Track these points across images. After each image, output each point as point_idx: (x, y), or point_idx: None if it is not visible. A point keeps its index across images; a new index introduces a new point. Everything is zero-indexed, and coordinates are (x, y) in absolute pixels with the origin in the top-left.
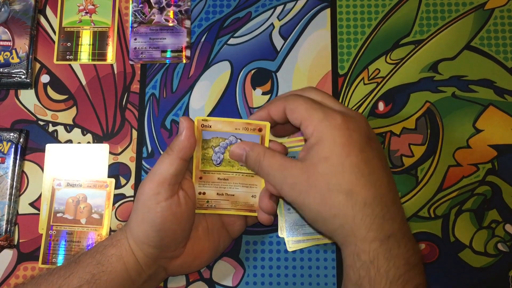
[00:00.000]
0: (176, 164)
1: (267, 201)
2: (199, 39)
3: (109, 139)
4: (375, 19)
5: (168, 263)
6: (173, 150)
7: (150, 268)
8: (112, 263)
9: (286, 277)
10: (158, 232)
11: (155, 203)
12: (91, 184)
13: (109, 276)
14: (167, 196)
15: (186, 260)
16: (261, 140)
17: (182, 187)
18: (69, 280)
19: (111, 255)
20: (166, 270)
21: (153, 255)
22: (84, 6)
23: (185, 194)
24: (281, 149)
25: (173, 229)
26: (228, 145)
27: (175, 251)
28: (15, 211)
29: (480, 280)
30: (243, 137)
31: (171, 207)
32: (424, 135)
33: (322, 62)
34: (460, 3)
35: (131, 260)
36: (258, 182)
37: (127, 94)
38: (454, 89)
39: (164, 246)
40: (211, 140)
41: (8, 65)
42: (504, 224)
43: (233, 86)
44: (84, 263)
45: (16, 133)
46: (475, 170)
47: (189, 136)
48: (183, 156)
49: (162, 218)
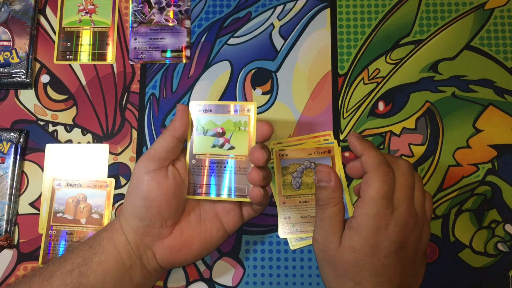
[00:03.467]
0: (168, 140)
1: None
2: (199, 39)
3: (109, 139)
4: (375, 19)
5: (155, 243)
6: (167, 129)
7: (138, 248)
8: (103, 246)
9: (286, 277)
10: (142, 201)
11: (143, 172)
12: (91, 184)
13: (100, 258)
14: (155, 168)
15: (174, 244)
16: (332, 160)
17: (174, 165)
18: (61, 266)
19: (102, 238)
20: (156, 255)
21: (139, 229)
22: (84, 6)
23: (175, 171)
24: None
25: (158, 200)
26: (304, 170)
27: (161, 227)
28: (15, 211)
29: (480, 280)
30: (316, 160)
31: (157, 177)
32: (424, 135)
33: (322, 62)
34: (460, 3)
35: (121, 239)
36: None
37: (127, 94)
38: (454, 89)
39: (150, 219)
40: (289, 167)
41: (8, 65)
42: (504, 224)
43: (233, 86)
44: (77, 249)
45: (16, 133)
46: (475, 170)
47: (181, 117)
48: (175, 134)
49: (147, 187)
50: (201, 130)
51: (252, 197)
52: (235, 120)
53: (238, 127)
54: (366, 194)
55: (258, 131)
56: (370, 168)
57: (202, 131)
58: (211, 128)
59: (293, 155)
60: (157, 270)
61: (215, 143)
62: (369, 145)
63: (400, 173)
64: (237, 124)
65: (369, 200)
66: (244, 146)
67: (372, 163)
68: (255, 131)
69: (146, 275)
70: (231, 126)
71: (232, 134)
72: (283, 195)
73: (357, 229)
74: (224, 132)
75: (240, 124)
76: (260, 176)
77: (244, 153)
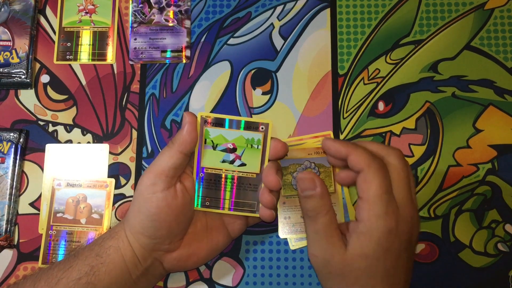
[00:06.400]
0: (175, 157)
1: (267, 195)
2: (199, 39)
3: (109, 139)
4: (375, 19)
5: (164, 256)
6: (174, 143)
7: (146, 260)
8: (110, 255)
9: (286, 277)
10: (153, 222)
11: (152, 193)
12: (91, 184)
13: (107, 268)
14: (163, 187)
15: (182, 255)
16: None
17: (181, 181)
18: (68, 273)
19: (109, 246)
20: (163, 265)
21: (148, 246)
22: (84, 6)
23: (182, 188)
24: (282, 147)
25: (168, 221)
26: (304, 170)
27: (170, 244)
28: (15, 211)
29: (480, 280)
30: (316, 160)
31: (166, 198)
32: (424, 135)
33: (322, 62)
34: (460, 3)
35: (128, 251)
36: (336, 200)
37: (127, 94)
38: (454, 89)
39: (159, 237)
40: (289, 167)
41: (8, 65)
42: (504, 224)
43: (233, 86)
44: (83, 256)
45: (16, 133)
46: (475, 170)
47: (191, 131)
48: (183, 150)
49: (158, 209)
50: (210, 144)
51: (264, 217)
52: (247, 137)
53: (250, 145)
54: (369, 193)
55: (272, 150)
56: (363, 166)
57: (212, 145)
58: (222, 143)
59: (293, 155)
60: (163, 274)
61: (225, 159)
62: (352, 144)
63: (393, 163)
64: (249, 141)
65: (374, 199)
66: (256, 164)
67: (364, 160)
68: (269, 150)
69: (150, 280)
70: (243, 142)
71: (244, 151)
72: (283, 195)
73: (367, 233)
74: (235, 148)
75: (253, 141)
76: (274, 201)
77: (255, 170)
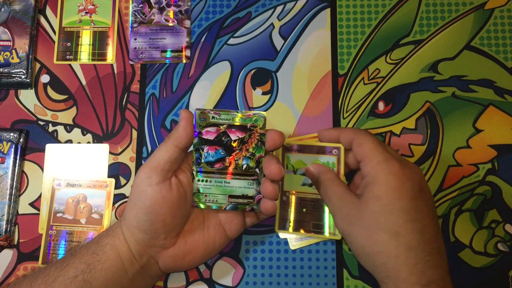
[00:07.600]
0: (171, 151)
1: (269, 184)
2: (199, 39)
3: (109, 139)
4: (375, 19)
5: (159, 253)
6: (170, 138)
7: (141, 257)
8: (106, 252)
9: (286, 277)
10: (147, 215)
11: (147, 185)
12: (91, 184)
13: (103, 265)
14: (158, 180)
15: (178, 254)
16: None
17: (177, 176)
18: (65, 271)
19: (105, 244)
20: (159, 262)
21: (144, 241)
22: (84, 6)
23: (178, 182)
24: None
25: (162, 214)
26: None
27: (165, 239)
28: (15, 211)
29: (480, 280)
30: (321, 158)
31: (161, 190)
32: (424, 135)
33: (322, 62)
34: (460, 3)
35: (124, 248)
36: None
37: (127, 94)
38: (454, 89)
39: (154, 232)
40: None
41: (8, 65)
42: (504, 224)
43: (233, 86)
44: (80, 254)
45: (16, 133)
46: (475, 170)
47: (186, 126)
48: (178, 144)
49: (152, 201)
50: (291, 169)
51: (266, 209)
52: (323, 161)
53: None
54: (365, 150)
55: (270, 141)
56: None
57: (292, 169)
58: (301, 167)
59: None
60: (159, 275)
61: (305, 182)
62: (340, 127)
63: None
64: (326, 164)
65: (372, 151)
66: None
67: (351, 132)
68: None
69: (147, 280)
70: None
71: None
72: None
73: (374, 178)
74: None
75: (328, 164)
76: (276, 190)
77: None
